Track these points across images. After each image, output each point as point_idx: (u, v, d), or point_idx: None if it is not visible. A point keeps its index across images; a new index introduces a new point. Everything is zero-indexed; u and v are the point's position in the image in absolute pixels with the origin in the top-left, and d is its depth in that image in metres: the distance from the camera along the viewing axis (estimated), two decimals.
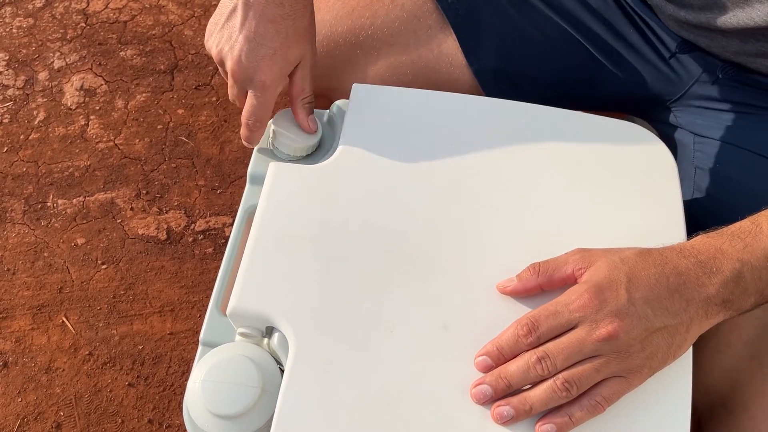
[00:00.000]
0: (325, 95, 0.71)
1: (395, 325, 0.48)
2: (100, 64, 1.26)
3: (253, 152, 0.62)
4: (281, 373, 0.48)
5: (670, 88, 0.68)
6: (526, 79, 0.69)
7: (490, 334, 0.46)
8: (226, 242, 0.83)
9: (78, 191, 1.11)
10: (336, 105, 0.62)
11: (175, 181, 1.12)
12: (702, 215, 0.60)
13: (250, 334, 0.50)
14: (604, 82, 0.69)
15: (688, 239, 0.48)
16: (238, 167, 1.13)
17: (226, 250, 0.58)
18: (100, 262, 1.03)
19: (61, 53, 1.28)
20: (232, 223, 0.60)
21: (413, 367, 0.46)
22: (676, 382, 0.46)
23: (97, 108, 1.21)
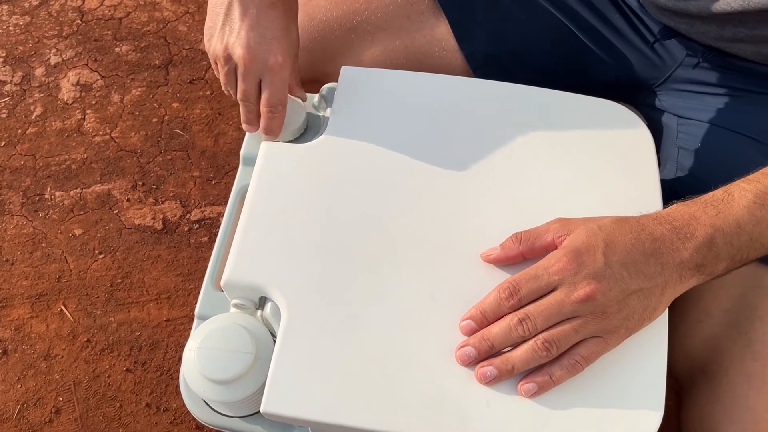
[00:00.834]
0: (320, 80, 0.71)
1: (384, 294, 0.49)
2: (96, 60, 1.28)
3: (246, 135, 0.63)
4: (274, 341, 0.50)
5: (655, 73, 0.69)
6: (516, 63, 0.70)
7: (475, 301, 0.48)
8: None
9: (75, 183, 1.12)
10: (326, 87, 0.63)
11: (171, 173, 1.13)
12: (684, 192, 0.62)
13: (243, 306, 0.51)
14: (592, 67, 0.70)
15: (665, 208, 0.50)
16: (232, 158, 1.15)
17: (220, 227, 0.60)
18: (97, 252, 1.05)
19: (58, 50, 1.29)
20: None
21: (401, 333, 0.48)
22: (652, 343, 0.47)
23: (94, 102, 1.22)
